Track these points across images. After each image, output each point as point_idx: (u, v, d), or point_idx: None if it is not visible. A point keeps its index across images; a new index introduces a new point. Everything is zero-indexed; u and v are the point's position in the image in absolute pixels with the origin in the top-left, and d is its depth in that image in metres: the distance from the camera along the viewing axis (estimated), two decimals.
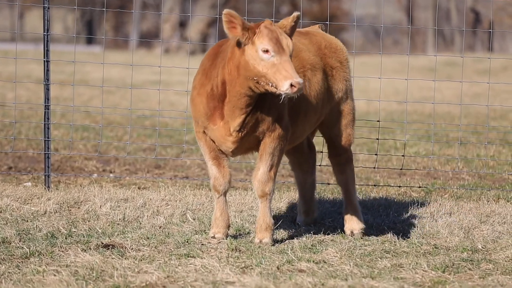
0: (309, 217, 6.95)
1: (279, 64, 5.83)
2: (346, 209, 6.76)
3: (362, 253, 6.11)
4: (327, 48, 6.71)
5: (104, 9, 8.65)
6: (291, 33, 6.04)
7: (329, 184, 8.77)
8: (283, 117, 6.17)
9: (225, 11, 5.96)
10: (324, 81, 6.54)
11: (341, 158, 6.77)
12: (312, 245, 6.30)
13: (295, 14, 6.04)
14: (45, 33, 8.06)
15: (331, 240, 6.48)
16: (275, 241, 6.34)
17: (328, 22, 8.15)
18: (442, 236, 6.65)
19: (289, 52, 5.91)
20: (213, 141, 6.28)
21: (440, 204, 7.68)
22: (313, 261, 5.82)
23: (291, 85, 5.77)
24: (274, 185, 6.24)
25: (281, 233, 6.63)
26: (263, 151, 6.17)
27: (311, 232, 6.65)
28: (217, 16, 5.96)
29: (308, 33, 6.78)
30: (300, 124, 6.39)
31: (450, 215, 7.28)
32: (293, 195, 7.84)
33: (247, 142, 6.20)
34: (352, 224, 6.70)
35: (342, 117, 6.77)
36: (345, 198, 6.78)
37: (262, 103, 6.09)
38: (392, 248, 6.29)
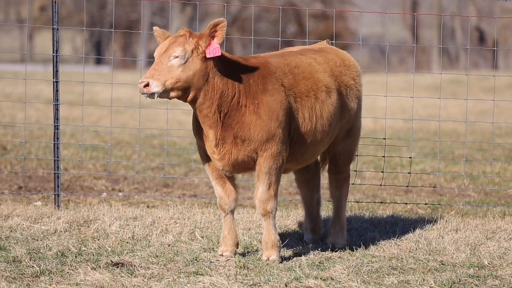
0: (316, 235, 6.99)
1: None
2: (334, 223, 6.89)
3: (369, 269, 6.15)
4: (342, 66, 6.70)
5: (113, 29, 8.73)
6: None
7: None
8: (275, 136, 6.14)
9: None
10: (339, 102, 6.53)
11: (341, 176, 6.85)
12: (319, 262, 6.34)
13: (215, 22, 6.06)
14: (54, 54, 8.13)
15: (339, 257, 6.52)
16: (282, 258, 6.38)
17: (334, 41, 8.21)
18: (449, 252, 6.68)
19: (157, 55, 5.96)
20: None
21: (446, 221, 7.72)
22: (321, 278, 5.86)
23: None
24: (276, 202, 6.26)
25: (289, 251, 6.67)
26: (259, 171, 6.19)
27: (319, 249, 6.69)
28: (224, 36, 6.05)
29: (322, 51, 6.75)
30: (312, 146, 6.41)
31: (456, 231, 7.32)
32: (301, 212, 7.89)
33: (241, 161, 6.19)
34: (336, 238, 6.85)
35: (349, 136, 6.79)
36: (335, 213, 6.90)
37: (237, 119, 6.09)
38: (399, 264, 6.33)
